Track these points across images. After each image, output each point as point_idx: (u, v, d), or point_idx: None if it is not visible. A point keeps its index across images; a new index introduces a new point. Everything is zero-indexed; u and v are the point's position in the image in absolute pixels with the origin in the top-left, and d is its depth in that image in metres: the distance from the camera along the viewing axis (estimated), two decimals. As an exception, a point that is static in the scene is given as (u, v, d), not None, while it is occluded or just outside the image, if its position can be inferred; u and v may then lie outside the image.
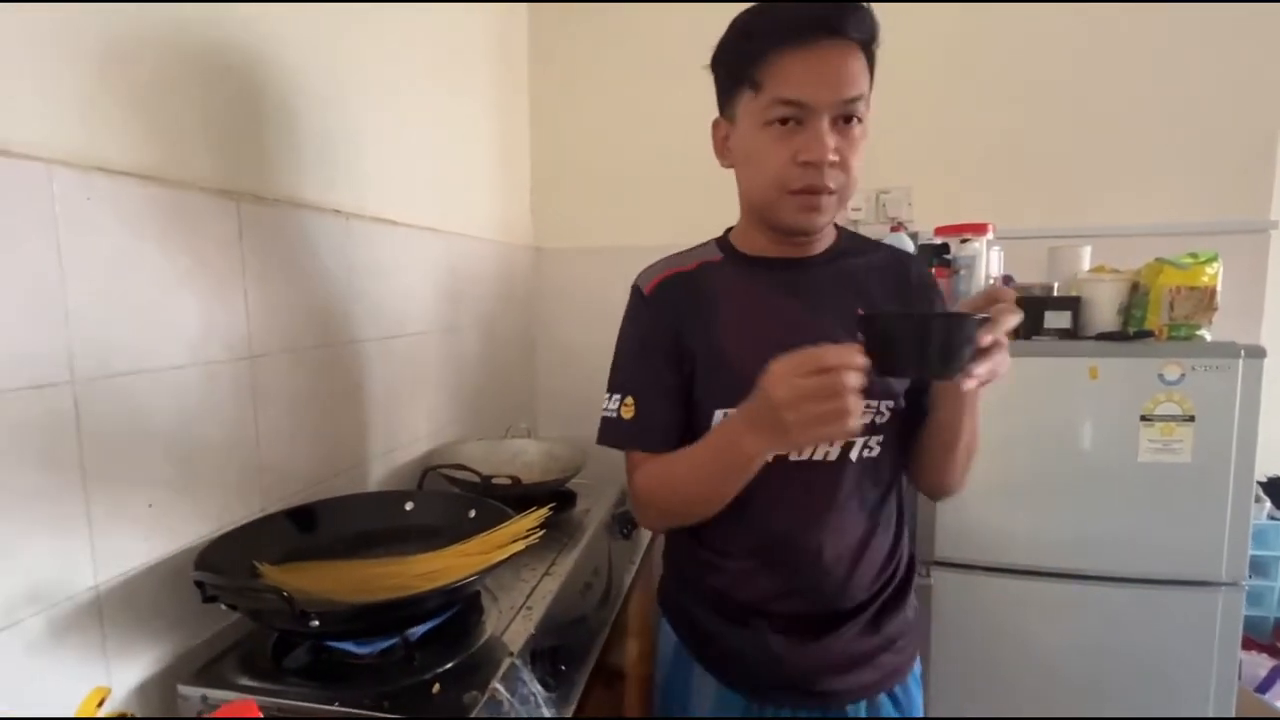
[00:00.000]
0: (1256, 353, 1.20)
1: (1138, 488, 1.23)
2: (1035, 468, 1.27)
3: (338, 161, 1.05)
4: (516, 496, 1.11)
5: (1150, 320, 1.23)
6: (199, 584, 0.63)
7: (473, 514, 0.95)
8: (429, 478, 1.17)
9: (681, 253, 0.84)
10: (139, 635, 0.73)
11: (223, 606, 0.66)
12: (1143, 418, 1.20)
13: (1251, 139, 1.61)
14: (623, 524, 1.30)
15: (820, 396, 0.54)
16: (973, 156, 1.75)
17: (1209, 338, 1.25)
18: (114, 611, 0.70)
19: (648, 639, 1.47)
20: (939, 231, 1.49)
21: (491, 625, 0.83)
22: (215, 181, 0.82)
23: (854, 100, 0.68)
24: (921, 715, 0.85)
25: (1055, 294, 1.39)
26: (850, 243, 0.83)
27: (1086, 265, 1.52)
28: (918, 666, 0.86)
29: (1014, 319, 0.60)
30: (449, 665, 0.74)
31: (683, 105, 1.89)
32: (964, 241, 1.41)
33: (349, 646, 0.74)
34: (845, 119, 0.69)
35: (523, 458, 1.45)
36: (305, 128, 0.98)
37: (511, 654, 0.77)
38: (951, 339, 0.56)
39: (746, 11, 0.72)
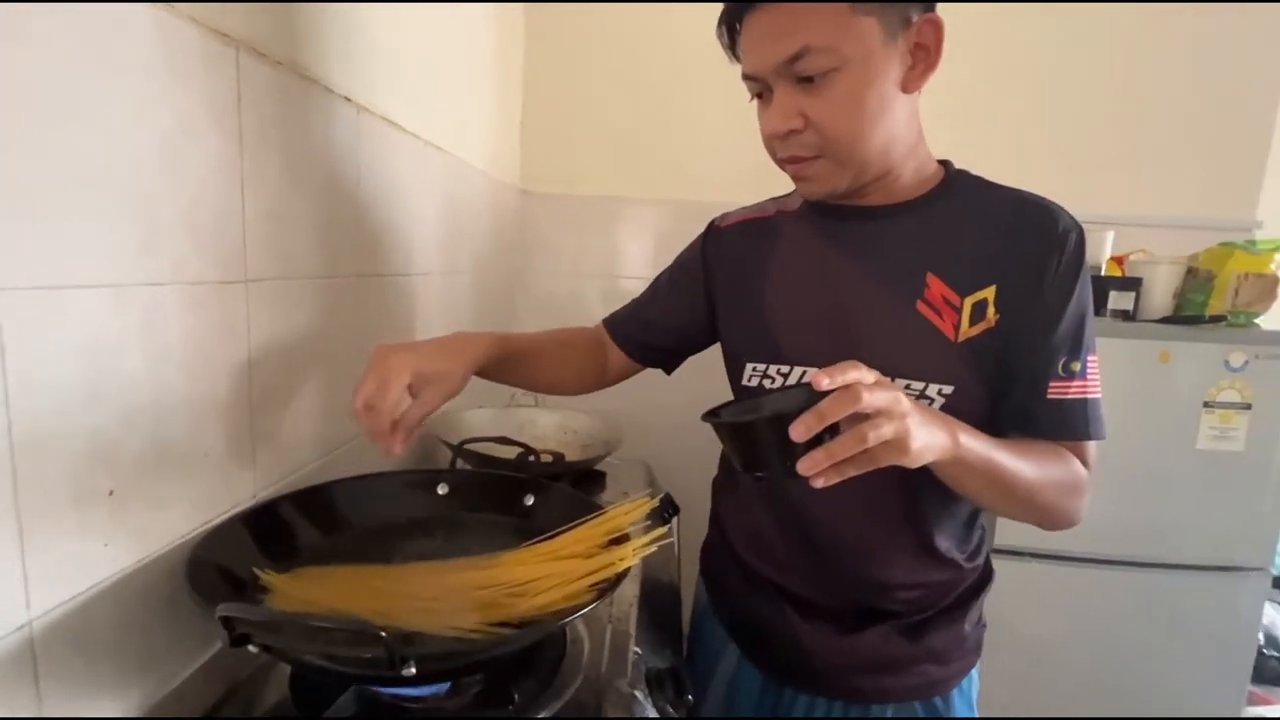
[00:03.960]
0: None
1: (1193, 475, 1.22)
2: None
3: (351, 43, 0.79)
4: (552, 477, 0.92)
5: (1213, 305, 1.20)
6: (226, 622, 0.40)
7: (530, 501, 0.75)
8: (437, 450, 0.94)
9: (775, 199, 0.78)
10: (89, 689, 0.48)
11: (252, 649, 0.43)
12: (1205, 404, 1.18)
13: (1243, 135, 1.57)
14: (665, 506, 1.13)
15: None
16: (974, 137, 1.64)
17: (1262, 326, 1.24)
18: (55, 658, 0.45)
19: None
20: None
21: (583, 643, 0.65)
22: (210, 17, 0.55)
23: (797, 58, 0.57)
24: None
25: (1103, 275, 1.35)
26: (954, 189, 0.67)
27: (1109, 251, 1.49)
28: (971, 678, 0.76)
29: (843, 406, 0.46)
30: (554, 709, 0.55)
31: (687, 56, 1.71)
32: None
33: (406, 690, 0.53)
34: (803, 78, 0.58)
35: (532, 429, 1.23)
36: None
37: (631, 686, 0.59)
38: (758, 441, 0.50)
39: None
